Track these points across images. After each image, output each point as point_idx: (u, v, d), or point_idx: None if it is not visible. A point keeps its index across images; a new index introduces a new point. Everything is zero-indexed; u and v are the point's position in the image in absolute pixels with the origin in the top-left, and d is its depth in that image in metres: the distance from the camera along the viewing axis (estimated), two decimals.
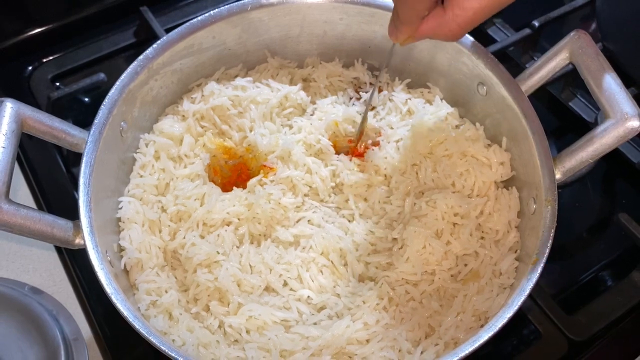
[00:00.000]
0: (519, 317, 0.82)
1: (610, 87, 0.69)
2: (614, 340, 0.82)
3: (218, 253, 0.75)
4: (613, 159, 0.97)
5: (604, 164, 0.98)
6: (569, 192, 0.96)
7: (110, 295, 0.65)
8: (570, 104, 1.04)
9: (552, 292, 0.85)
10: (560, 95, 1.04)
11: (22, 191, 0.93)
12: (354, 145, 0.86)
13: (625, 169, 0.98)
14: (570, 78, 1.02)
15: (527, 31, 1.08)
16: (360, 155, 0.85)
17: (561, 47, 0.75)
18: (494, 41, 1.10)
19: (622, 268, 0.88)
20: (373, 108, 0.88)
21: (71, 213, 0.71)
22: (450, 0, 0.55)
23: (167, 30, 1.04)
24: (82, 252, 0.68)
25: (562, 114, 1.04)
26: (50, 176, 0.94)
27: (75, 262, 0.87)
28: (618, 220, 0.90)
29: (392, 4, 0.82)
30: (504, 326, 0.64)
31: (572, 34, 0.74)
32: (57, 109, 1.00)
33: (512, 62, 1.09)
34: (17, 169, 0.95)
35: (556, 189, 0.70)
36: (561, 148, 0.74)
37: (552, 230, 0.69)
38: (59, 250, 0.89)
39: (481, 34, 1.13)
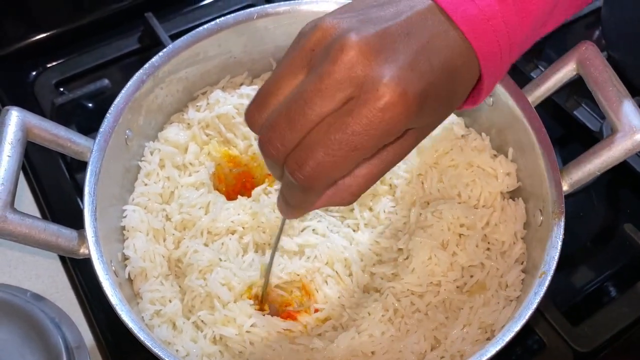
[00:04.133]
0: (523, 327, 0.82)
1: (618, 99, 0.68)
2: (619, 351, 0.82)
3: (220, 260, 0.75)
4: (618, 168, 0.95)
5: (608, 174, 0.97)
6: (573, 202, 0.96)
7: (115, 306, 0.64)
8: (574, 112, 1.03)
9: (556, 302, 0.84)
10: (565, 103, 1.04)
11: (26, 199, 0.93)
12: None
13: (630, 179, 0.97)
14: (575, 87, 1.01)
15: None
16: None
17: (568, 59, 0.75)
18: None
19: (627, 279, 0.88)
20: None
21: (75, 221, 0.71)
22: None
23: (172, 37, 1.05)
24: (85, 260, 0.68)
25: (566, 122, 1.04)
26: (54, 184, 0.93)
27: (78, 269, 0.86)
28: (623, 231, 0.90)
29: None
30: (511, 340, 0.64)
31: (578, 45, 0.74)
32: (61, 114, 1.00)
33: (517, 70, 1.08)
34: (21, 177, 0.95)
35: (564, 202, 0.70)
36: (565, 157, 0.74)
37: (560, 243, 0.68)
38: (61, 257, 0.88)
39: None
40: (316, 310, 0.75)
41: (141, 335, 0.63)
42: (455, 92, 0.50)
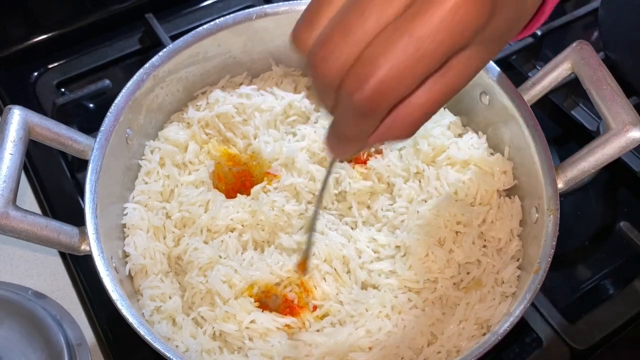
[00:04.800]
0: (520, 324, 0.82)
1: (612, 97, 0.69)
2: (616, 348, 0.82)
3: (220, 257, 0.76)
4: (615, 167, 0.97)
5: (606, 173, 0.98)
6: (571, 201, 0.97)
7: (115, 301, 0.65)
8: (572, 112, 1.04)
9: (554, 301, 0.85)
10: (563, 103, 1.05)
11: (27, 197, 0.94)
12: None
13: (627, 177, 0.98)
14: (573, 87, 1.02)
15: (529, 40, 1.08)
16: (363, 163, 0.85)
17: (563, 58, 0.75)
18: None
19: (624, 277, 0.88)
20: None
21: (76, 219, 0.71)
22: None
23: (172, 37, 1.05)
24: (86, 257, 0.69)
25: (564, 122, 1.04)
26: (56, 182, 0.94)
27: (79, 267, 0.87)
28: (620, 229, 0.91)
29: None
30: (505, 335, 0.64)
31: (574, 44, 0.75)
32: (62, 114, 1.01)
33: (515, 70, 1.09)
34: (23, 176, 0.95)
35: (558, 199, 0.71)
36: (563, 157, 0.75)
37: (555, 240, 0.69)
38: (63, 255, 0.89)
39: None
40: (315, 308, 0.75)
41: (141, 330, 0.63)
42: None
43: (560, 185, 0.72)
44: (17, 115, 0.69)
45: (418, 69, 0.39)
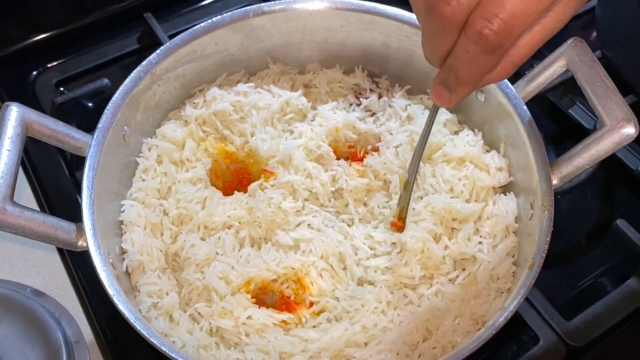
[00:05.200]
0: (518, 322, 0.83)
1: (606, 94, 0.69)
2: (612, 346, 0.82)
3: (217, 254, 0.76)
4: (612, 165, 0.97)
5: (602, 171, 0.99)
6: (568, 199, 0.97)
7: (112, 296, 0.66)
8: (569, 111, 1.05)
9: (550, 298, 0.85)
10: (560, 102, 1.05)
11: (26, 195, 0.94)
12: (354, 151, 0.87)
13: (623, 176, 0.98)
14: (570, 85, 1.02)
15: None
16: (360, 161, 0.86)
17: (558, 55, 0.76)
18: None
19: (621, 274, 0.88)
20: (373, 114, 0.89)
21: (74, 216, 0.72)
22: None
23: (171, 37, 1.05)
24: (85, 255, 0.69)
25: (561, 120, 1.05)
26: (54, 180, 0.95)
27: (77, 265, 0.87)
28: (616, 227, 0.91)
29: (393, 12, 0.84)
30: (499, 330, 0.64)
31: (569, 41, 0.75)
32: (61, 113, 1.02)
33: None
34: (21, 173, 0.96)
35: (553, 195, 0.71)
36: (560, 154, 0.75)
37: (549, 235, 0.69)
38: (61, 253, 0.90)
39: None
40: (311, 304, 0.75)
41: (137, 325, 0.64)
42: None
43: (555, 181, 0.72)
44: (14, 112, 0.69)
45: (537, 8, 0.45)
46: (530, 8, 0.45)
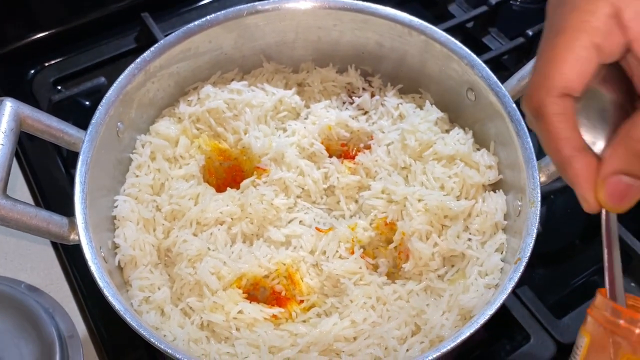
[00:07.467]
0: (509, 320, 0.84)
1: None
2: None
3: (209, 250, 0.77)
4: None
5: None
6: (561, 199, 0.97)
7: (102, 288, 0.66)
8: None
9: (542, 297, 0.86)
10: None
11: (21, 191, 0.95)
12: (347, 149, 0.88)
13: None
14: None
15: (520, 40, 1.10)
16: (352, 158, 0.86)
17: None
18: (488, 49, 1.12)
19: None
20: (366, 113, 0.90)
21: (68, 212, 0.73)
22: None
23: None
24: (79, 251, 0.70)
25: None
26: (50, 177, 0.96)
27: (72, 260, 0.88)
28: None
29: (386, 12, 0.85)
30: (492, 328, 0.65)
31: None
32: (58, 111, 1.02)
33: (506, 70, 1.10)
34: (17, 169, 0.97)
35: (539, 191, 0.71)
36: None
37: (534, 230, 0.69)
38: (56, 248, 0.90)
39: (476, 43, 1.14)
40: (301, 301, 0.76)
41: (127, 317, 0.64)
42: None
43: (543, 178, 0.73)
44: (8, 107, 0.70)
45: None
46: None
